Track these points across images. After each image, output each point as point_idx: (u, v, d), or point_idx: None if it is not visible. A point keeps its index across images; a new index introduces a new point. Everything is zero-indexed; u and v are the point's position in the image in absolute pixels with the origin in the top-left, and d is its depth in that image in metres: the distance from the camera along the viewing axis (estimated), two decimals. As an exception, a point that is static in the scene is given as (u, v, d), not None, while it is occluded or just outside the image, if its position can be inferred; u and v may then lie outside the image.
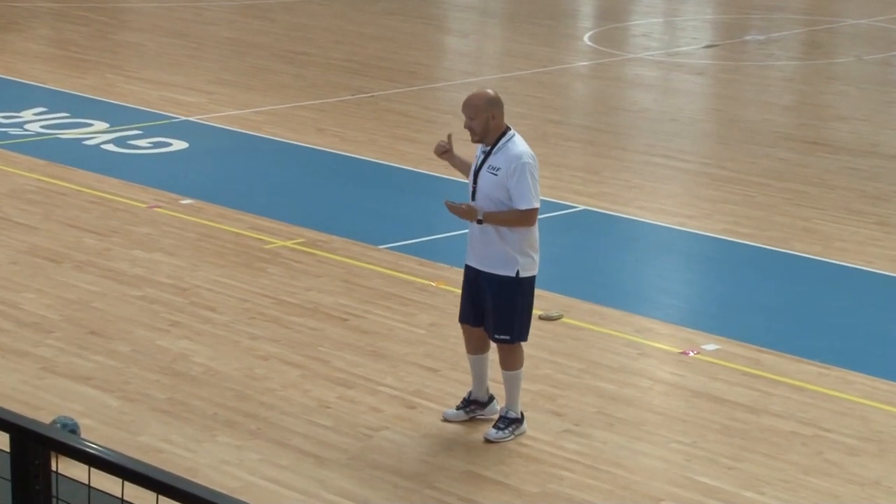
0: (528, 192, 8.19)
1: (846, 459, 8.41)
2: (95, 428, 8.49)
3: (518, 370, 8.54)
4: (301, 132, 15.97)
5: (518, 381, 8.57)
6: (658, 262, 12.19)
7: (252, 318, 10.40)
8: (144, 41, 21.46)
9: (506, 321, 8.37)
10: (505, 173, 8.21)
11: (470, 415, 8.74)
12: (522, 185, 8.18)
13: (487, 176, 8.29)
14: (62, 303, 10.61)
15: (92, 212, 12.86)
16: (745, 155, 15.48)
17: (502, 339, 8.43)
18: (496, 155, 8.30)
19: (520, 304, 8.38)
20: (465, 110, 8.33)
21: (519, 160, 8.21)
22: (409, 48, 21.56)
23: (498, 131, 8.33)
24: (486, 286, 8.38)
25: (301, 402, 8.99)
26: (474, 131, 8.31)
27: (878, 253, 12.23)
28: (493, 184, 8.25)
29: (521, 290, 8.36)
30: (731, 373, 9.63)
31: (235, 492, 7.67)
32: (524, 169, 8.19)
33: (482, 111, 8.26)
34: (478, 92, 8.44)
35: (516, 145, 8.30)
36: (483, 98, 8.32)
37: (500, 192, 8.24)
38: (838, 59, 21.92)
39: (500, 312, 8.36)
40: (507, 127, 8.39)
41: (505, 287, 8.31)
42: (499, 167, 8.25)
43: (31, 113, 16.60)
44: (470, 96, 8.41)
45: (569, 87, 19.62)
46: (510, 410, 8.55)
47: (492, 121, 8.28)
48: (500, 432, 8.49)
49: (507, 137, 8.33)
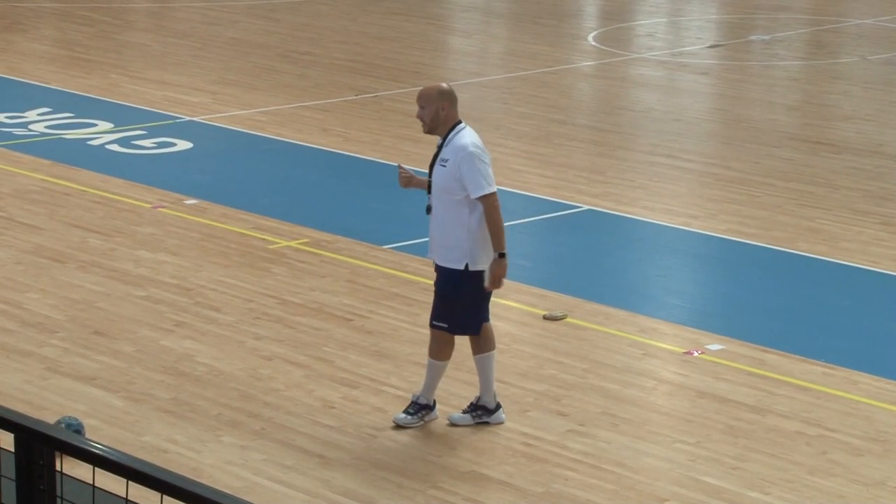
0: (480, 179, 8.39)
1: (851, 459, 8.40)
2: (100, 428, 8.49)
3: (444, 362, 8.71)
4: (305, 132, 15.98)
5: (439, 372, 8.73)
6: (662, 262, 12.18)
7: (256, 318, 10.40)
8: (148, 41, 21.47)
9: (447, 311, 8.56)
10: (453, 164, 8.43)
11: (476, 420, 8.78)
12: (472, 173, 8.39)
13: (439, 168, 8.54)
14: (66, 303, 10.62)
15: (96, 212, 12.87)
16: (750, 155, 15.47)
17: (440, 326, 8.60)
18: (446, 148, 8.53)
19: (464, 298, 8.53)
20: (418, 100, 8.57)
21: (464, 150, 8.42)
22: (414, 48, 21.56)
23: (449, 124, 8.54)
24: (438, 275, 8.63)
25: (305, 402, 8.99)
26: (424, 121, 8.55)
27: (882, 253, 12.21)
28: (444, 175, 8.46)
29: (469, 284, 8.51)
30: (736, 373, 9.63)
31: (240, 492, 7.67)
32: (470, 158, 8.39)
33: (433, 102, 8.49)
34: (431, 84, 8.75)
35: (463, 137, 8.50)
36: (436, 89, 8.57)
37: (450, 183, 8.44)
38: (843, 59, 21.90)
39: (442, 301, 8.57)
40: (459, 120, 8.58)
41: (453, 278, 8.50)
42: (447, 159, 8.48)
43: (36, 113, 16.61)
44: (424, 88, 8.66)
45: (573, 87, 19.61)
46: (422, 396, 8.75)
47: (442, 112, 8.49)
48: (407, 417, 8.69)
49: (457, 130, 8.53)
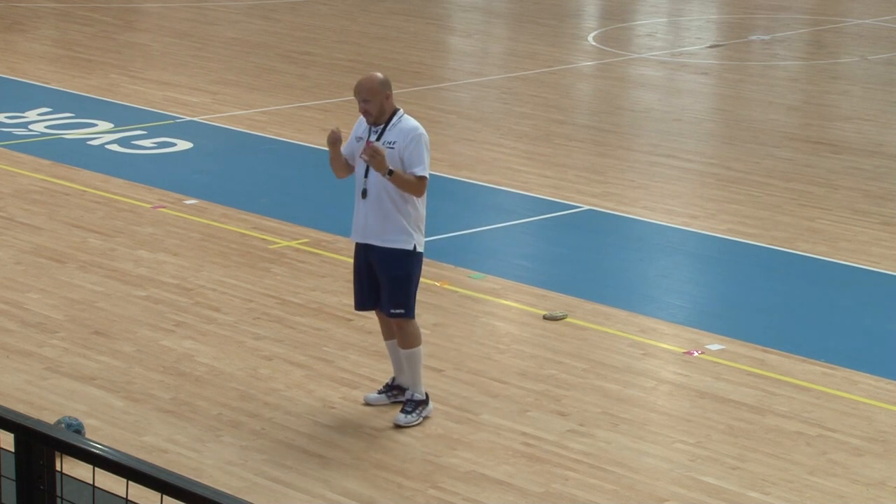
0: (424, 160, 8.51)
1: (851, 460, 8.40)
2: (100, 428, 8.49)
3: (417, 347, 8.72)
4: (305, 132, 15.98)
5: (419, 360, 8.74)
6: (662, 262, 12.18)
7: (256, 318, 10.40)
8: (149, 41, 21.47)
9: (402, 295, 8.58)
10: (401, 146, 8.51)
11: (392, 400, 8.90)
12: (418, 152, 8.50)
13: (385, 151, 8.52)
14: (66, 303, 10.62)
15: (96, 212, 12.87)
16: (750, 155, 15.47)
17: (397, 313, 8.61)
18: (390, 131, 8.58)
19: (415, 278, 8.63)
20: (360, 94, 8.58)
21: (415, 131, 8.55)
22: (414, 48, 21.56)
23: (390, 111, 8.62)
24: (382, 261, 8.58)
25: (305, 403, 8.99)
26: (370, 113, 8.58)
27: (882, 253, 12.22)
28: (388, 157, 8.45)
29: (417, 264, 8.62)
30: (736, 373, 9.63)
31: (240, 492, 7.68)
32: (420, 139, 8.53)
33: (377, 93, 8.55)
34: (368, 76, 8.70)
35: (409, 120, 8.64)
36: (376, 81, 8.60)
37: (397, 165, 8.47)
38: (843, 59, 21.90)
39: (397, 286, 8.57)
40: (397, 107, 8.65)
41: (403, 259, 8.55)
42: (394, 140, 8.54)
43: (36, 113, 16.61)
44: (362, 80, 8.65)
45: (573, 87, 19.61)
46: (415, 393, 8.74)
47: (385, 101, 8.58)
48: (408, 416, 8.67)
49: (399, 115, 8.63)
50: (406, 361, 8.78)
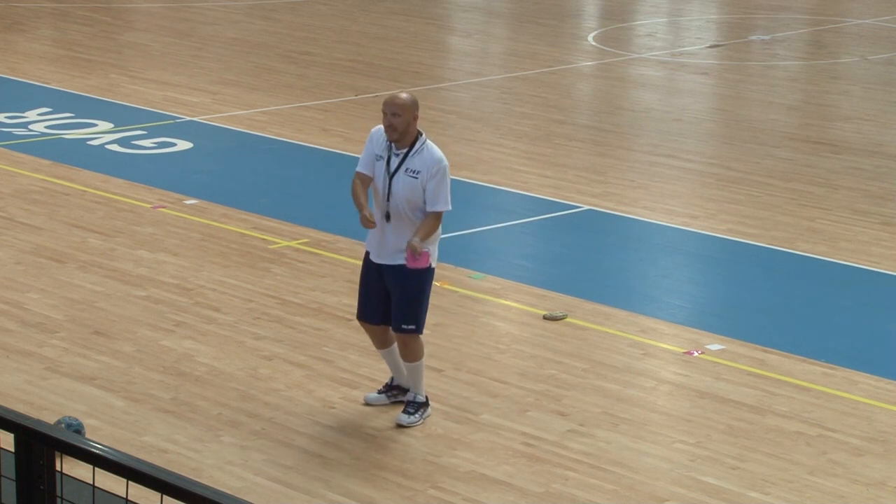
0: (447, 195, 8.47)
1: (851, 460, 8.40)
2: (100, 428, 8.49)
3: (420, 360, 8.74)
4: (305, 132, 15.97)
5: (421, 370, 8.78)
6: (662, 262, 12.18)
7: (256, 318, 10.40)
8: (149, 41, 21.47)
9: (414, 311, 8.59)
10: (425, 176, 8.43)
11: (392, 399, 8.95)
12: (442, 187, 8.44)
13: (406, 179, 8.46)
14: (66, 303, 10.62)
15: (96, 212, 12.87)
16: (750, 155, 15.47)
17: (409, 329, 8.61)
18: (413, 158, 8.48)
19: (427, 294, 8.65)
20: (390, 108, 8.45)
21: (440, 164, 8.45)
22: (414, 48, 21.56)
23: (414, 132, 8.52)
24: (399, 278, 8.55)
25: (305, 403, 8.99)
26: (396, 129, 8.44)
27: (882, 253, 12.21)
28: (411, 187, 8.42)
29: (430, 280, 8.65)
30: (736, 373, 9.63)
31: (240, 492, 7.68)
32: (445, 172, 8.46)
33: (408, 110, 8.45)
34: (399, 93, 8.60)
35: (434, 150, 8.52)
36: (409, 99, 8.52)
37: (416, 195, 8.43)
38: (843, 59, 21.90)
39: (410, 303, 8.57)
40: (420, 132, 8.56)
41: (419, 277, 8.53)
42: (418, 170, 8.45)
43: (36, 113, 16.61)
44: (394, 96, 8.55)
45: (573, 87, 19.61)
46: (417, 395, 8.79)
47: (413, 122, 8.48)
48: (410, 417, 8.72)
49: (422, 142, 8.53)
50: (408, 371, 8.82)
